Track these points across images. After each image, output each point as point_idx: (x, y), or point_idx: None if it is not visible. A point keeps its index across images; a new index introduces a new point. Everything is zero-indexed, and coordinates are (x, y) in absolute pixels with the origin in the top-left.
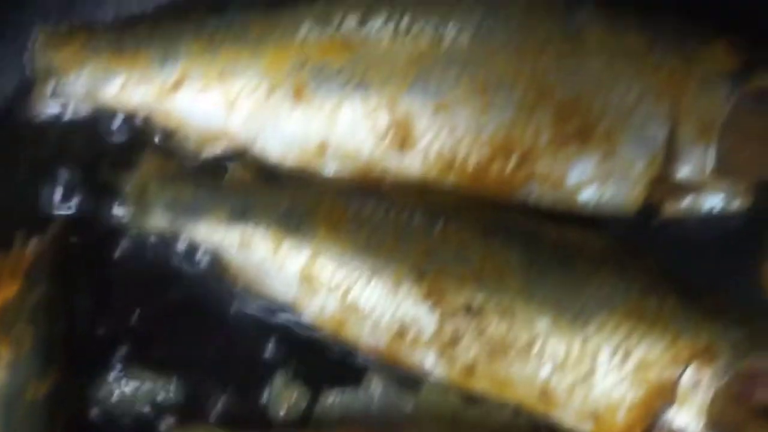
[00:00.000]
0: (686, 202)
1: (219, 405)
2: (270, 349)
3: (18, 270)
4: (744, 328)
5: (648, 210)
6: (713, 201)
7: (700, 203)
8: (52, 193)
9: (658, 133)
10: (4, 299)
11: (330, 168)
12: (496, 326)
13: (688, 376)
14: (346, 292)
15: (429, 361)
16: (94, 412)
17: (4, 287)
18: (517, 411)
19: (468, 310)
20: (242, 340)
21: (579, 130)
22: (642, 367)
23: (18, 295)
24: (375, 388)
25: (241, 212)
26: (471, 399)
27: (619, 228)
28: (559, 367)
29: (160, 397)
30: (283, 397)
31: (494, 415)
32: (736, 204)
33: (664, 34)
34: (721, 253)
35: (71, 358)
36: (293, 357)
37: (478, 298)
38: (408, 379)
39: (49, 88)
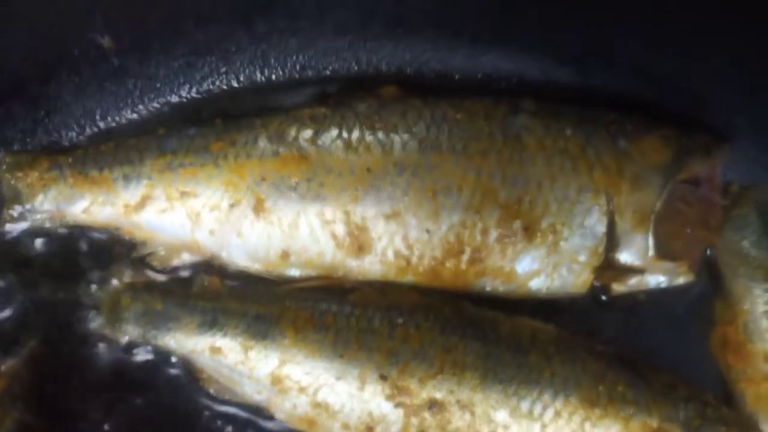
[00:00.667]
0: (632, 282)
1: None
2: None
3: None
4: (694, 406)
5: (598, 290)
6: (658, 279)
7: (646, 282)
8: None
9: (598, 226)
10: None
11: (293, 272)
12: (458, 420)
13: None
14: (315, 393)
15: None
16: None
17: None
18: None
19: (431, 406)
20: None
21: (524, 226)
22: None
23: None
24: None
25: (211, 322)
26: None
27: (573, 307)
28: None
29: None
30: None
31: None
32: (680, 280)
33: (597, 133)
34: (672, 326)
35: None
36: None
37: (440, 394)
38: None
39: (16, 211)
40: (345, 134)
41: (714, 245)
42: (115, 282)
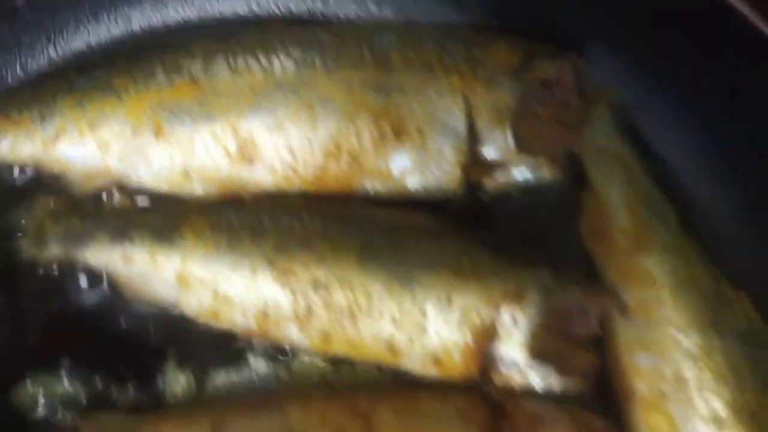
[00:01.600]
0: (501, 177)
1: (123, 397)
2: (159, 342)
3: None
4: (548, 272)
5: (472, 187)
6: (524, 174)
7: (513, 176)
8: None
9: (459, 125)
10: None
11: (197, 189)
12: (339, 296)
13: (504, 316)
14: (215, 286)
15: (293, 334)
16: (10, 413)
17: None
18: (380, 366)
19: (315, 286)
20: (135, 339)
21: (393, 129)
22: (464, 313)
23: None
24: (255, 365)
25: (122, 234)
26: (338, 361)
27: (453, 209)
28: (397, 323)
29: (70, 397)
30: (176, 382)
31: (360, 372)
32: (545, 175)
33: (453, 44)
34: (543, 219)
35: None
36: (180, 347)
37: (322, 275)
38: (282, 353)
39: None
40: (231, 61)
41: (575, 143)
42: (38, 211)
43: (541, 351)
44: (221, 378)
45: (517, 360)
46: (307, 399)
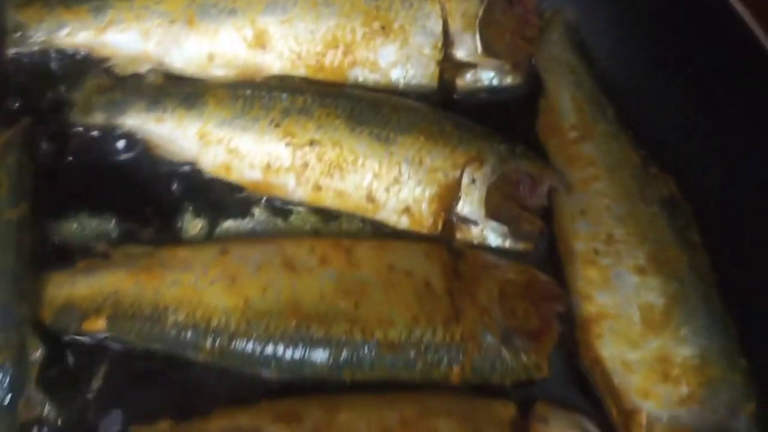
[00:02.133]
0: (470, 77)
1: (147, 234)
2: (179, 193)
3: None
4: (507, 146)
5: (445, 85)
6: (489, 76)
7: (481, 78)
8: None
9: (435, 26)
10: None
11: (219, 72)
12: (331, 153)
13: (466, 177)
14: (230, 143)
15: (290, 184)
16: (53, 240)
17: None
18: (363, 221)
19: (311, 143)
20: (160, 190)
21: (381, 26)
22: (432, 171)
23: None
24: (257, 215)
25: (155, 101)
26: (327, 217)
27: (428, 102)
28: (377, 176)
29: (104, 232)
30: (192, 225)
31: (346, 225)
32: (509, 78)
33: None
34: (504, 116)
35: (36, 201)
36: (197, 198)
37: (317, 135)
38: (281, 209)
39: (19, 36)
40: None
41: (534, 55)
42: (87, 86)
43: (496, 210)
44: (229, 224)
45: (475, 217)
46: (299, 236)
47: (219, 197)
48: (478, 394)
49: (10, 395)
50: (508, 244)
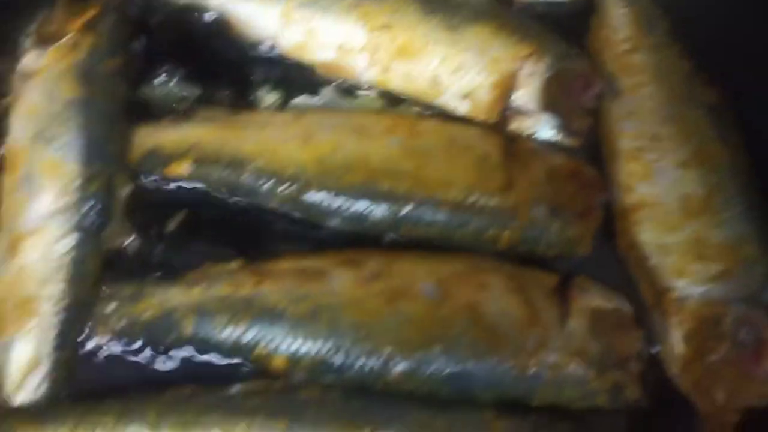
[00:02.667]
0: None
1: (224, 99)
2: (256, 68)
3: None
4: (565, 45)
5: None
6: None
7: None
8: None
9: None
10: (89, 17)
11: None
12: (401, 36)
13: (525, 69)
14: (309, 24)
15: (361, 65)
16: (140, 99)
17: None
18: (426, 107)
19: (384, 27)
20: (240, 67)
21: None
22: (494, 61)
23: (99, 13)
24: (327, 94)
25: None
26: (393, 101)
27: None
28: (443, 62)
29: (185, 98)
30: (267, 97)
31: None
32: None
33: None
34: (561, 29)
35: (129, 60)
36: (273, 77)
37: (391, 19)
38: (350, 90)
39: None
40: None
41: None
42: None
43: (550, 102)
44: (300, 100)
45: (530, 108)
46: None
47: (292, 75)
48: (524, 264)
49: (97, 222)
50: (558, 137)
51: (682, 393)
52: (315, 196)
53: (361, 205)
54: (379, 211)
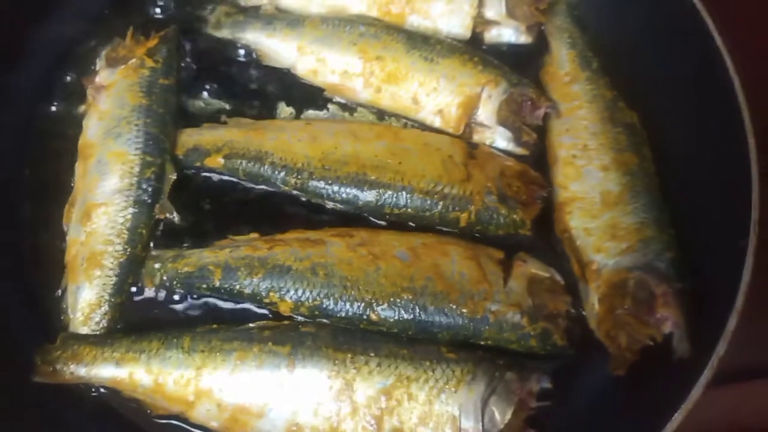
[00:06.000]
0: (495, 33)
1: (251, 111)
2: (278, 88)
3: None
4: (517, 76)
5: (476, 38)
6: (509, 34)
7: (503, 34)
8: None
9: None
10: (150, 45)
11: (315, 9)
12: (390, 65)
13: (485, 92)
14: (319, 54)
15: (359, 87)
16: (190, 106)
17: (152, 40)
18: (407, 121)
19: (377, 58)
20: (262, 87)
21: None
22: (461, 85)
23: (160, 42)
24: (331, 109)
25: (268, 23)
26: (382, 114)
27: None
28: (421, 84)
29: (221, 110)
30: (285, 110)
31: (395, 123)
32: (523, 38)
33: None
34: (518, 64)
35: (178, 81)
36: (288, 94)
37: (382, 53)
38: (349, 107)
39: None
40: None
41: (543, 23)
42: (218, 10)
43: (504, 119)
44: (310, 113)
45: (488, 123)
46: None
47: (306, 94)
48: (478, 242)
49: (150, 199)
50: (510, 147)
51: (598, 341)
52: (318, 184)
53: (353, 191)
54: (367, 195)
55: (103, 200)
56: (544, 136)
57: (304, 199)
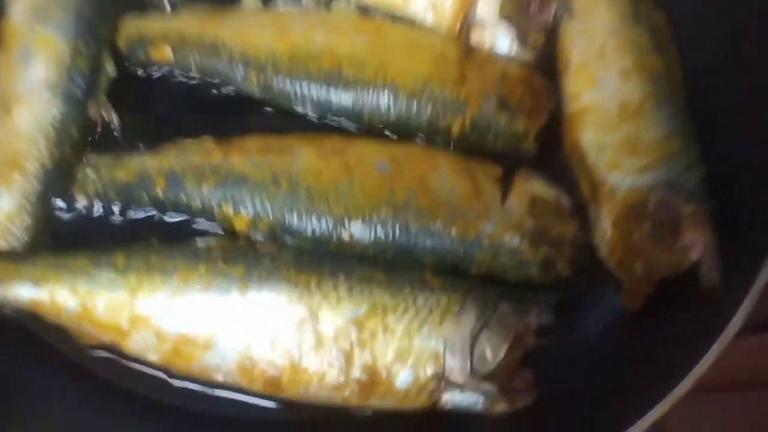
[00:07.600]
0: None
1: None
2: None
3: None
4: None
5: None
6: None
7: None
8: None
9: None
10: None
11: None
12: None
13: None
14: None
15: None
16: None
17: None
18: (395, 17)
19: None
20: None
21: None
22: None
23: None
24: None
25: None
26: (365, 10)
27: None
28: None
29: None
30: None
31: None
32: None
33: None
34: None
35: None
36: None
37: None
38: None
39: None
40: None
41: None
42: None
43: (508, 16)
44: (279, 3)
45: (489, 20)
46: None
47: None
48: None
49: (82, 94)
50: (514, 50)
51: (607, 273)
52: (284, 82)
53: (325, 92)
54: (342, 97)
55: (27, 93)
56: (553, 41)
57: (270, 108)
